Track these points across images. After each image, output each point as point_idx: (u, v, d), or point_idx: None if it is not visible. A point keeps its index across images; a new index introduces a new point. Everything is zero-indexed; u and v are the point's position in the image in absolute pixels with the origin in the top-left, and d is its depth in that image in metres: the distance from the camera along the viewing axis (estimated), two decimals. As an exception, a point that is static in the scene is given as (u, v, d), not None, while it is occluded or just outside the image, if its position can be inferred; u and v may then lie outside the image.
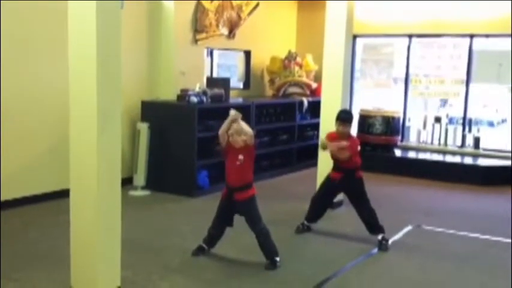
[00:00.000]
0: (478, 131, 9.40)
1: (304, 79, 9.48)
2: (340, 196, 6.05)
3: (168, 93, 7.55)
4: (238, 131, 4.49)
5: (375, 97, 10.44)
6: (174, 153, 6.98)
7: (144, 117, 7.17)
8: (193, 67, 8.11)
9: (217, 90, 7.35)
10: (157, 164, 7.06)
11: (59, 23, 4.65)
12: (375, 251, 5.12)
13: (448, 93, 9.55)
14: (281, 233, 5.21)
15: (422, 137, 9.74)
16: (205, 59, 8.56)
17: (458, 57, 9.41)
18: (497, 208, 7.00)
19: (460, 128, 9.44)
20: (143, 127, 6.99)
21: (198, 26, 8.12)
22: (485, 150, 9.16)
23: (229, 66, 9.78)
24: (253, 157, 4.61)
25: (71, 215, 3.68)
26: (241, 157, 4.51)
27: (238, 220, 4.67)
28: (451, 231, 5.88)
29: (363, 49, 10.26)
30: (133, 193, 6.92)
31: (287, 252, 4.72)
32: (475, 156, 9.08)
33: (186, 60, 7.89)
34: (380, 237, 5.20)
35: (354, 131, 9.64)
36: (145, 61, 7.55)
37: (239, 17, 8.86)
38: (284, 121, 8.88)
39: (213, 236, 4.76)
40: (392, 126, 9.33)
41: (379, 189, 7.44)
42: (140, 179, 6.99)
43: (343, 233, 5.63)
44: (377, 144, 9.19)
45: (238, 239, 4.72)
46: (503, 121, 10.45)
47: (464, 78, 9.23)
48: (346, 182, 5.34)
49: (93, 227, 3.56)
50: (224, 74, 9.41)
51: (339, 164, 5.36)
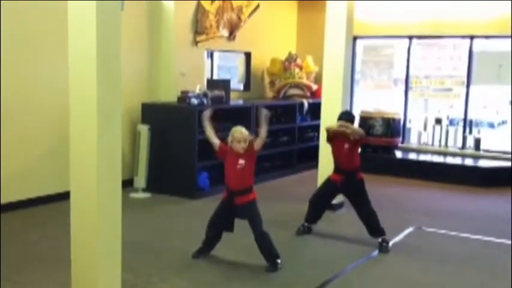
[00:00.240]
0: (479, 132, 9.40)
1: (304, 81, 9.48)
2: (340, 198, 6.04)
3: (168, 95, 7.55)
4: (239, 139, 4.49)
5: (376, 98, 10.44)
6: (175, 155, 6.98)
7: (144, 119, 7.17)
8: (194, 69, 8.11)
9: (217, 92, 7.35)
10: (158, 166, 7.05)
11: (59, 24, 4.65)
12: (376, 252, 5.11)
13: (448, 94, 9.55)
14: (282, 234, 5.21)
15: (423, 138, 9.73)
16: (205, 60, 8.56)
17: (459, 59, 9.41)
18: (498, 209, 6.99)
19: (460, 130, 9.44)
20: (144, 129, 6.98)
21: (199, 28, 8.12)
22: (485, 151, 9.15)
23: (229, 68, 9.78)
24: (254, 161, 4.59)
25: (71, 217, 3.66)
26: (242, 161, 4.50)
27: (238, 222, 4.67)
28: (452, 233, 5.87)
29: (363, 50, 10.26)
30: (133, 195, 6.92)
31: (288, 253, 4.71)
32: (476, 157, 9.07)
33: (187, 62, 7.90)
34: (380, 239, 5.19)
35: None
36: (145, 63, 7.56)
37: (239, 18, 8.86)
38: (285, 123, 8.88)
39: (211, 238, 4.75)
40: (393, 128, 9.32)
41: (380, 190, 7.43)
42: (141, 181, 6.99)
43: (344, 234, 5.63)
44: (378, 145, 9.17)
45: (238, 241, 4.72)
46: (503, 122, 10.44)
47: (464, 79, 9.24)
48: (347, 184, 5.34)
49: (93, 229, 3.55)
50: (224, 76, 9.41)
51: (339, 166, 5.36)
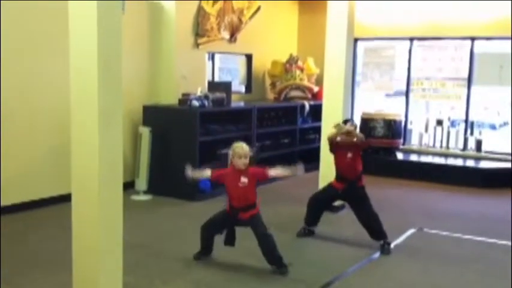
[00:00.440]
0: (480, 133, 9.38)
1: (305, 83, 9.48)
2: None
3: (169, 97, 7.56)
4: (240, 154, 4.48)
5: (377, 100, 10.43)
6: (176, 157, 6.98)
7: (145, 122, 7.18)
8: (195, 71, 8.11)
9: (218, 94, 7.35)
10: (159, 168, 7.05)
11: (60, 25, 4.64)
12: (377, 254, 5.10)
13: (449, 95, 9.54)
14: (283, 236, 5.20)
15: (424, 140, 9.72)
16: (206, 62, 8.57)
17: (460, 60, 9.40)
18: (499, 211, 6.98)
19: (461, 131, 9.42)
20: (145, 131, 6.99)
21: (200, 30, 8.12)
22: (487, 152, 9.14)
23: (230, 70, 9.79)
24: (256, 180, 4.56)
25: (72, 220, 3.67)
26: (244, 180, 4.48)
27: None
28: (453, 234, 5.86)
29: (364, 52, 10.25)
30: (135, 197, 6.92)
31: (289, 255, 4.70)
32: (477, 159, 9.06)
33: (188, 64, 7.90)
34: (382, 241, 5.19)
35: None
36: (146, 65, 7.57)
37: (240, 20, 8.86)
38: (286, 125, 8.89)
39: (208, 240, 4.75)
40: (394, 129, 9.31)
41: (381, 192, 7.44)
42: (142, 183, 6.99)
43: (345, 236, 5.62)
44: (379, 147, 9.16)
45: (240, 243, 4.71)
46: (505, 124, 10.42)
47: (465, 80, 9.23)
48: (348, 191, 5.38)
49: (94, 231, 3.55)
50: (225, 78, 9.42)
51: (342, 175, 5.38)
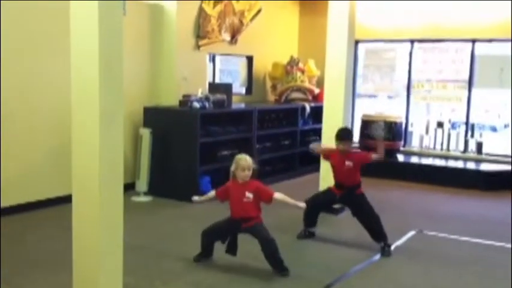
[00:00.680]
0: (481, 136, 9.38)
1: (306, 84, 9.48)
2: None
3: (170, 99, 7.57)
4: (243, 166, 4.47)
5: (377, 102, 10.43)
6: (177, 159, 6.98)
7: (146, 123, 7.18)
8: (196, 73, 8.11)
9: (219, 96, 7.36)
10: (160, 170, 7.05)
11: (60, 25, 4.66)
12: (378, 256, 5.10)
13: (450, 97, 9.54)
14: (283, 238, 5.18)
15: (425, 142, 9.72)
16: (207, 64, 8.58)
17: (461, 62, 9.40)
18: (499, 213, 6.98)
19: (462, 133, 9.42)
20: (145, 133, 6.99)
21: (201, 32, 8.13)
22: (488, 155, 9.14)
23: (231, 72, 9.79)
24: (260, 198, 4.54)
25: (72, 221, 3.67)
26: (250, 195, 4.48)
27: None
28: (454, 236, 5.86)
29: (365, 54, 10.26)
30: (135, 199, 6.92)
31: (289, 257, 4.70)
32: (478, 161, 9.05)
33: (188, 65, 7.90)
34: (382, 242, 5.18)
35: (356, 135, 9.76)
36: (147, 67, 7.58)
37: (241, 22, 8.87)
38: (286, 126, 8.89)
39: (208, 244, 4.75)
40: (395, 131, 9.31)
41: (382, 194, 7.44)
42: (142, 184, 6.99)
43: (346, 238, 5.62)
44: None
45: (241, 245, 4.70)
46: (505, 126, 10.41)
47: (466, 83, 9.23)
48: (347, 198, 5.41)
49: (95, 232, 3.55)
50: (226, 80, 9.42)
51: (339, 182, 5.40)
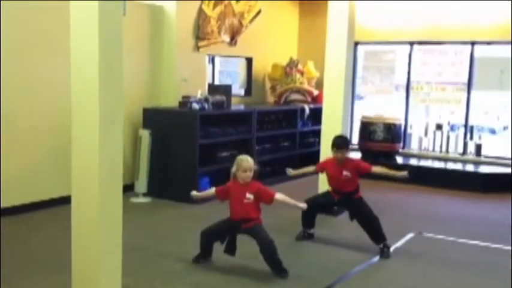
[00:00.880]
0: (480, 138, 9.39)
1: (305, 86, 9.48)
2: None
3: (169, 100, 7.57)
4: (245, 168, 4.50)
5: (377, 104, 10.44)
6: (176, 160, 6.98)
7: (145, 124, 7.18)
8: (195, 74, 8.12)
9: (218, 97, 7.36)
10: (159, 171, 7.05)
11: (60, 25, 4.66)
12: (377, 258, 5.10)
13: (449, 100, 9.55)
14: (283, 239, 5.19)
15: (424, 144, 9.73)
16: (207, 65, 8.58)
17: (460, 64, 9.41)
18: (499, 215, 6.98)
19: (461, 135, 9.43)
20: (145, 134, 6.99)
21: (200, 33, 8.14)
22: (486, 157, 9.14)
23: (230, 73, 9.80)
24: (261, 199, 4.56)
25: (72, 222, 3.67)
26: (250, 196, 4.50)
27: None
28: (453, 238, 5.87)
29: (365, 56, 10.27)
30: (134, 200, 6.92)
31: (289, 258, 4.70)
32: (477, 163, 9.06)
33: (188, 67, 7.91)
34: (382, 244, 5.19)
35: (355, 137, 9.78)
36: (147, 68, 7.58)
37: (241, 24, 8.88)
38: (286, 128, 8.89)
39: (207, 245, 4.75)
40: (394, 133, 9.31)
41: (381, 196, 7.44)
42: (142, 185, 6.99)
43: (345, 240, 5.62)
44: (378, 151, 9.16)
45: (240, 246, 4.70)
46: (505, 128, 10.43)
47: (465, 85, 9.24)
48: (345, 202, 5.43)
49: (94, 232, 3.55)
50: (226, 81, 9.43)
51: (336, 189, 5.43)
